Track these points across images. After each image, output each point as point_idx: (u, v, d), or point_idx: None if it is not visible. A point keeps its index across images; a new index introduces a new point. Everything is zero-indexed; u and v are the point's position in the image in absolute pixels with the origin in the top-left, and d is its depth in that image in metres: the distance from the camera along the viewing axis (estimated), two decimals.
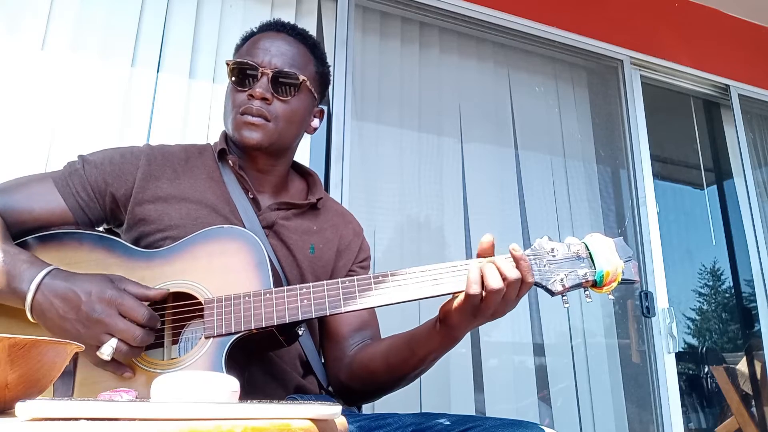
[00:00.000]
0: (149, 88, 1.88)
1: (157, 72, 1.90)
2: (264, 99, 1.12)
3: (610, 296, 0.99)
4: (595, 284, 0.96)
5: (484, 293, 0.91)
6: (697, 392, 3.68)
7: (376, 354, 1.11)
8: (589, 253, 0.97)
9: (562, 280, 0.95)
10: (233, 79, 1.15)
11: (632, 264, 0.98)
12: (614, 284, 0.96)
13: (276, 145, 1.15)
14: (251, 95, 1.12)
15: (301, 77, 1.16)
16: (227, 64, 1.17)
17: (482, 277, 0.91)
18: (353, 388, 1.15)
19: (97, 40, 1.84)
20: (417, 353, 1.04)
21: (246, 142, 1.12)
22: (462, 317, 0.94)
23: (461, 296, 0.93)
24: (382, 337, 1.19)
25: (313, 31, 2.12)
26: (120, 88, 1.83)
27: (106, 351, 0.85)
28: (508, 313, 0.95)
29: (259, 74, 1.13)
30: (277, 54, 1.15)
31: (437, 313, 1.00)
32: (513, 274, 0.91)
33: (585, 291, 0.97)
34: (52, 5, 1.80)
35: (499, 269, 0.91)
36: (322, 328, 1.21)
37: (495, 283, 0.90)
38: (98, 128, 1.77)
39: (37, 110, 1.72)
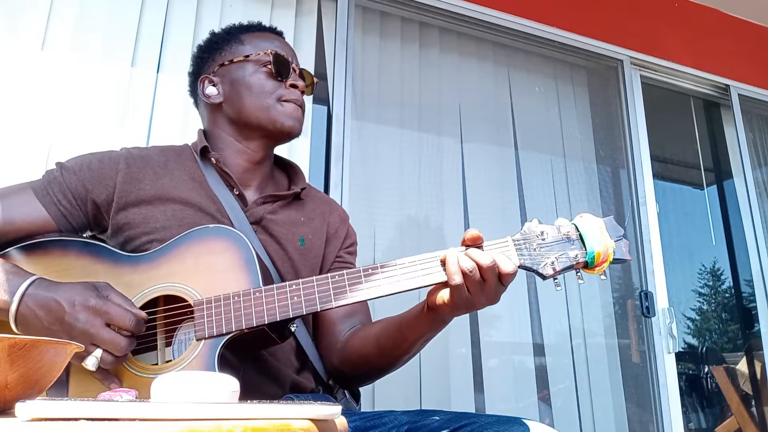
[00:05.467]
0: (149, 88, 1.88)
1: (157, 72, 1.90)
2: (303, 92, 1.21)
3: (603, 277, 0.98)
4: (587, 265, 0.95)
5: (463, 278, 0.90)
6: (697, 392, 3.68)
7: (368, 339, 1.11)
8: (580, 234, 0.96)
9: (552, 263, 0.93)
10: (273, 68, 1.19)
11: (623, 243, 0.97)
12: (605, 264, 0.95)
13: None
14: (293, 86, 1.19)
15: (315, 78, 1.27)
16: (267, 54, 1.19)
17: (460, 266, 0.90)
18: (346, 373, 1.16)
19: (97, 40, 1.84)
20: (408, 337, 1.04)
21: (290, 130, 1.18)
22: (452, 310, 0.94)
23: (448, 290, 0.92)
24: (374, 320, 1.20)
25: (313, 31, 2.14)
26: (120, 88, 1.83)
27: (91, 362, 0.85)
28: (498, 298, 0.93)
29: (292, 68, 1.21)
30: (292, 53, 1.25)
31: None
32: (485, 259, 0.89)
33: (577, 273, 0.96)
34: (52, 5, 1.80)
35: (469, 256, 0.90)
36: (314, 316, 1.22)
37: (467, 264, 0.89)
38: (98, 128, 1.77)
39: (37, 110, 1.72)
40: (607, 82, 2.79)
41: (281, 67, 1.19)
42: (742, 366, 3.30)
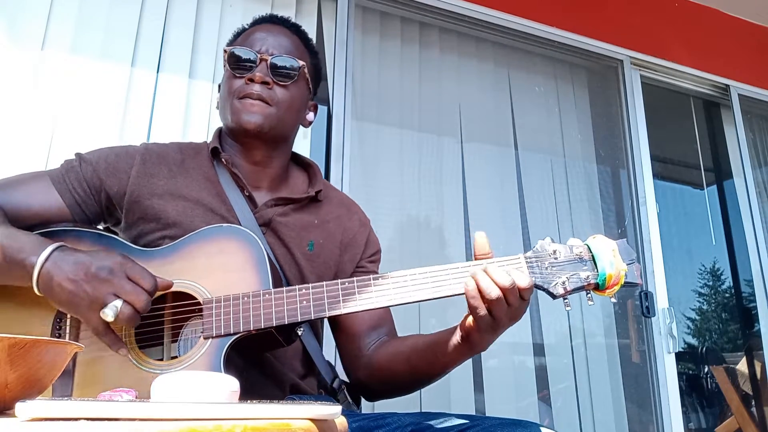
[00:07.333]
0: (149, 88, 1.88)
1: (157, 72, 1.90)
2: (264, 83, 1.13)
3: (613, 299, 0.98)
4: (598, 287, 0.94)
5: (486, 305, 0.89)
6: (697, 392, 3.68)
7: (398, 355, 1.09)
8: (592, 255, 0.95)
9: (563, 283, 0.93)
10: (231, 66, 1.15)
11: (635, 267, 0.96)
12: (617, 287, 0.94)
13: (275, 131, 1.15)
14: (251, 80, 1.12)
15: (300, 62, 1.17)
16: (225, 52, 1.16)
17: (479, 289, 0.89)
18: (373, 387, 1.15)
19: (97, 40, 1.84)
20: (441, 360, 1.03)
21: (246, 126, 1.11)
22: (481, 334, 0.93)
23: (471, 316, 0.92)
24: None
25: (313, 31, 2.14)
26: (120, 88, 1.83)
27: (110, 312, 0.86)
28: (522, 316, 0.93)
29: (258, 60, 1.14)
30: (274, 43, 1.17)
31: (450, 322, 1.00)
32: (505, 281, 0.88)
33: (587, 294, 0.96)
34: (52, 5, 1.80)
35: (491, 277, 0.89)
36: (336, 325, 1.20)
37: (492, 292, 0.88)
38: (98, 128, 1.77)
39: (37, 110, 1.72)
40: (607, 82, 2.79)
41: (239, 64, 1.14)
42: (742, 366, 3.30)
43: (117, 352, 0.91)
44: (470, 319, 0.93)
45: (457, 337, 0.98)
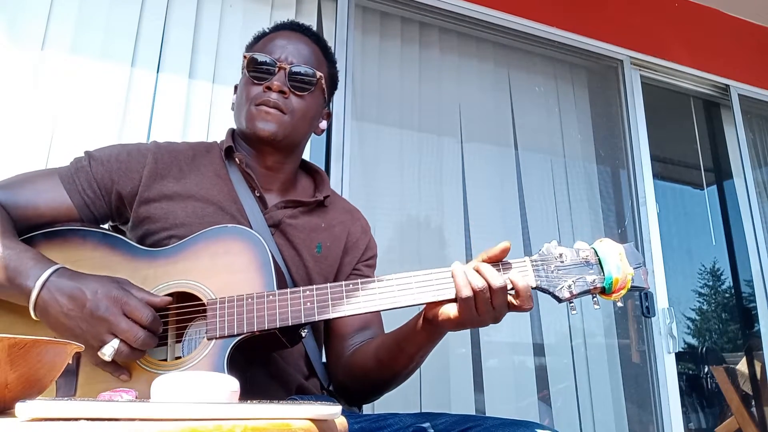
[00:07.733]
0: (149, 89, 1.88)
1: (157, 72, 1.90)
2: (281, 92, 1.13)
3: (620, 303, 0.98)
4: (604, 291, 0.94)
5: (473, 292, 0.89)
6: (697, 392, 3.68)
7: (368, 352, 1.11)
8: (599, 259, 0.95)
9: (569, 286, 0.93)
10: (250, 72, 1.15)
11: (642, 271, 0.96)
12: (623, 291, 0.94)
13: (288, 140, 1.16)
14: (268, 87, 1.13)
15: (318, 74, 1.18)
16: (244, 57, 1.17)
17: (468, 280, 0.90)
18: (350, 388, 1.16)
19: (97, 40, 1.84)
20: (405, 350, 1.04)
21: (260, 133, 1.12)
22: (456, 324, 0.94)
23: (454, 305, 0.92)
24: None
25: None
26: (120, 88, 1.83)
27: (107, 351, 0.85)
28: (497, 322, 0.93)
29: (277, 69, 1.15)
30: (293, 51, 1.17)
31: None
32: (497, 281, 0.89)
33: (593, 298, 0.96)
34: (52, 5, 1.80)
35: (481, 273, 0.90)
36: (326, 327, 1.21)
37: (478, 283, 0.89)
38: (98, 128, 1.77)
39: (37, 110, 1.72)
40: (607, 82, 2.79)
41: (258, 70, 1.15)
42: (742, 366, 3.30)
43: (119, 378, 0.90)
44: (449, 308, 0.93)
45: (418, 324, 0.99)
